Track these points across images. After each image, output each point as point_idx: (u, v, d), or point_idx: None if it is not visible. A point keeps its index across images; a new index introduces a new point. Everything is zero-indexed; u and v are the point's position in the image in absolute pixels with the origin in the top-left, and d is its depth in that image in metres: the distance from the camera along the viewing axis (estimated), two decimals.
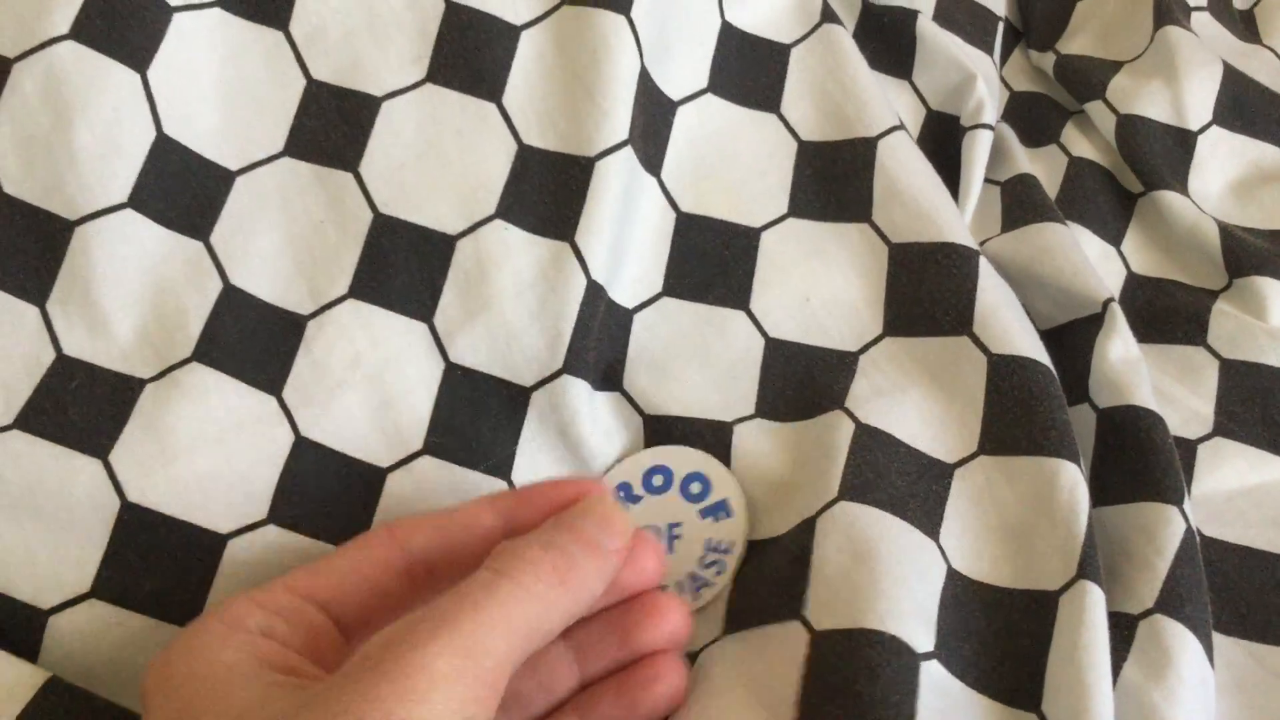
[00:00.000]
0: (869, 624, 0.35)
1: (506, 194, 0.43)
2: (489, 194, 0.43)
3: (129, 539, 0.37)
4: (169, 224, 0.41)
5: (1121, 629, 0.37)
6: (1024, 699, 0.35)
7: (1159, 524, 0.39)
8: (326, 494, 0.40)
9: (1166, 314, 0.49)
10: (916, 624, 0.36)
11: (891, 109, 0.48)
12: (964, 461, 0.41)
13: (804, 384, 0.43)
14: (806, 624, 0.36)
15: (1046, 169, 0.54)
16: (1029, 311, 0.46)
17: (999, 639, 0.37)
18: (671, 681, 0.35)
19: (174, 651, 0.31)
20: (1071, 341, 0.46)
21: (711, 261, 0.45)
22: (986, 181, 0.51)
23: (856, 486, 0.39)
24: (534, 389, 0.41)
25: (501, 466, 0.41)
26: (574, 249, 0.42)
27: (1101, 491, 0.41)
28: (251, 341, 0.41)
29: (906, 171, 0.46)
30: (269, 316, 0.41)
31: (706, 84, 0.48)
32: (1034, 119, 0.57)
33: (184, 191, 0.41)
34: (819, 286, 0.45)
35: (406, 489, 0.40)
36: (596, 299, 0.42)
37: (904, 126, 0.47)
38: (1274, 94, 0.55)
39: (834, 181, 0.47)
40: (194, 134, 0.42)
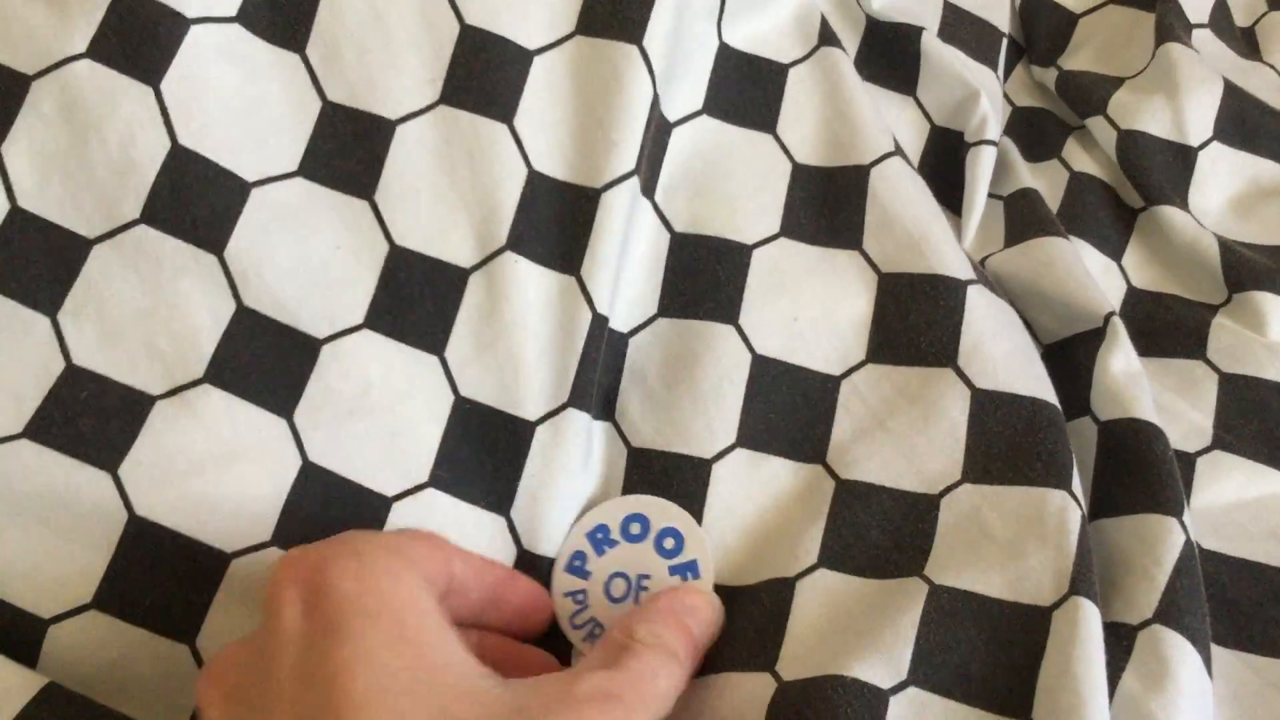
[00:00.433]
0: (833, 670, 0.36)
1: (517, 223, 0.43)
2: (500, 224, 0.43)
3: (134, 552, 0.37)
4: (184, 235, 0.41)
5: (1120, 639, 0.37)
6: (1014, 708, 0.36)
7: (1159, 535, 0.39)
8: (331, 520, 0.40)
9: (1166, 328, 0.49)
10: (880, 660, 0.36)
11: (888, 134, 0.48)
12: (949, 489, 0.41)
13: (787, 413, 0.43)
14: (775, 676, 0.37)
15: (1048, 184, 0.54)
16: (1031, 326, 0.46)
17: (988, 649, 0.37)
18: None
19: (376, 569, 0.32)
20: (1073, 355, 0.46)
21: (704, 277, 0.46)
22: (989, 196, 0.51)
23: (836, 553, 0.40)
24: (538, 423, 0.41)
25: (505, 502, 0.41)
26: (580, 283, 0.43)
27: (1102, 503, 0.42)
28: (264, 362, 0.41)
29: (899, 200, 0.46)
30: (283, 338, 0.41)
31: (702, 105, 0.49)
32: (1036, 134, 0.57)
33: (199, 202, 0.42)
34: (806, 308, 0.45)
35: (411, 520, 0.40)
36: (601, 331, 0.42)
37: (900, 151, 0.48)
38: (1274, 111, 0.55)
39: (826, 207, 0.47)
40: (210, 143, 0.42)
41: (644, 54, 0.45)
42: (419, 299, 0.43)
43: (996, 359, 0.43)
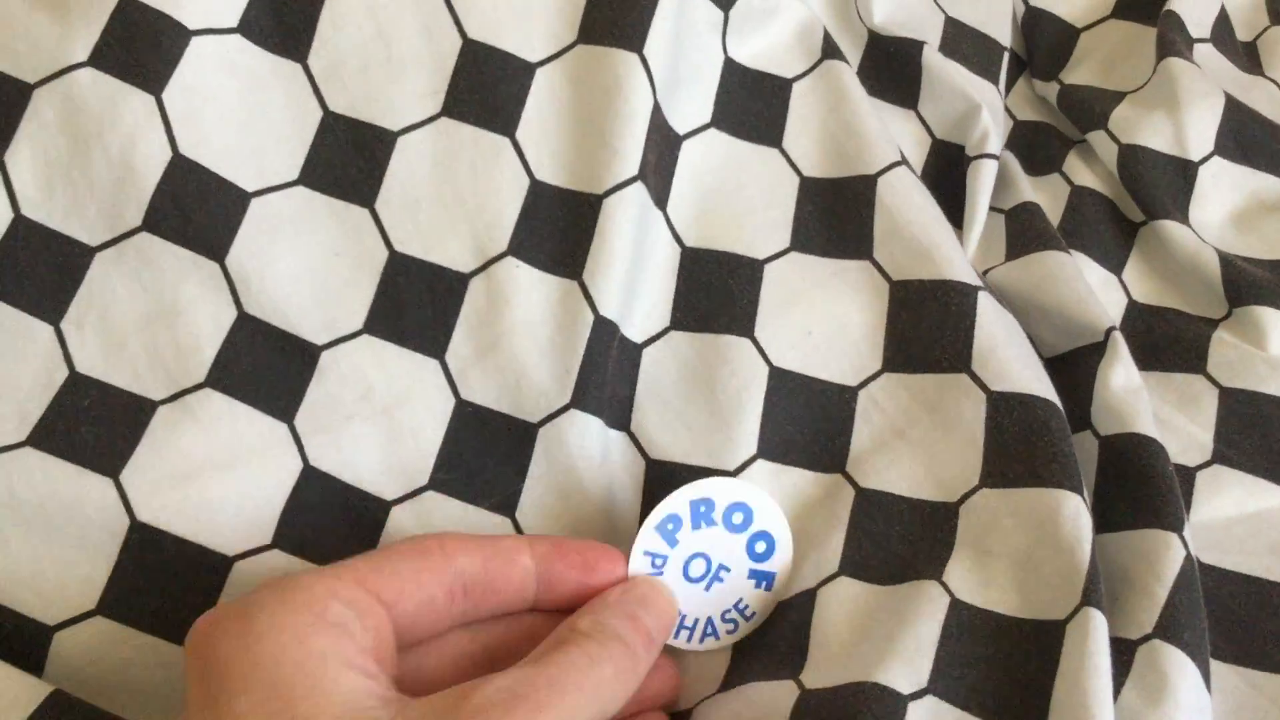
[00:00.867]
0: (854, 677, 0.36)
1: (518, 231, 0.44)
2: (501, 231, 0.44)
3: (137, 558, 0.38)
4: (185, 243, 0.41)
5: (1121, 654, 0.37)
6: None
7: (1159, 551, 0.39)
8: (331, 523, 0.40)
9: (1167, 342, 0.49)
10: (901, 666, 0.36)
11: (893, 144, 0.48)
12: (967, 496, 0.41)
13: (805, 424, 0.44)
14: (799, 684, 0.37)
15: (1049, 197, 0.54)
16: (1032, 340, 0.46)
17: (1003, 666, 0.37)
18: None
19: (257, 624, 0.30)
20: (1074, 369, 0.46)
21: (717, 293, 0.46)
22: (991, 209, 0.52)
23: (856, 561, 0.40)
24: (540, 425, 0.41)
25: (507, 504, 0.41)
26: (581, 287, 0.43)
27: (1102, 518, 0.42)
28: (265, 369, 0.41)
29: (907, 208, 0.46)
30: (283, 344, 0.42)
31: (710, 119, 0.49)
32: (1037, 148, 0.57)
33: (200, 210, 0.42)
34: (820, 321, 0.45)
35: (410, 523, 0.40)
36: (607, 336, 0.42)
37: (906, 162, 0.48)
38: (1275, 125, 0.55)
39: (835, 218, 0.47)
40: (211, 153, 0.42)
41: (644, 62, 0.45)
42: (418, 304, 0.43)
43: (1009, 361, 0.43)
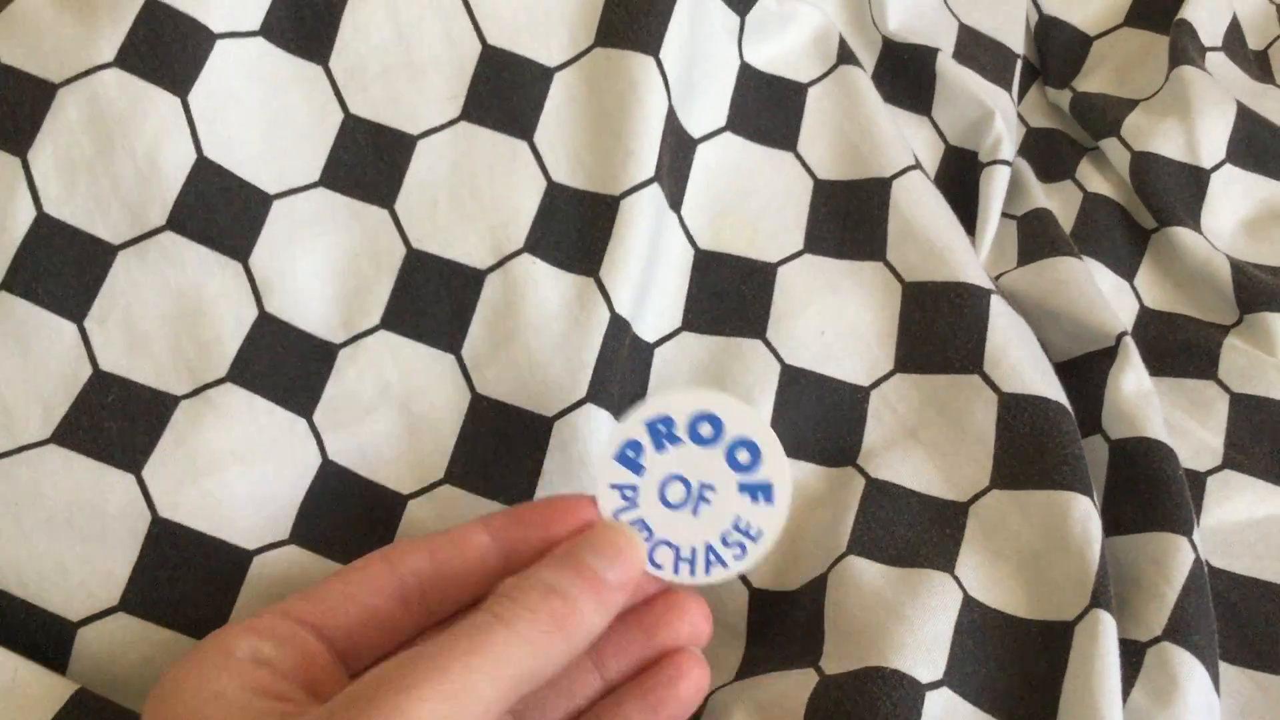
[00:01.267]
0: (872, 662, 0.36)
1: (535, 229, 0.44)
2: (518, 229, 0.44)
3: (158, 553, 0.38)
4: (209, 243, 0.42)
5: (1130, 656, 0.38)
6: None
7: (1169, 554, 0.40)
8: (348, 517, 0.40)
9: (1178, 348, 0.49)
10: (920, 656, 0.36)
11: (907, 149, 0.49)
12: (977, 497, 0.41)
13: (818, 421, 0.44)
14: (819, 670, 0.37)
15: (1062, 204, 0.54)
16: (1044, 344, 0.46)
17: (1014, 665, 0.38)
18: (694, 679, 0.34)
19: (168, 681, 0.31)
20: (1085, 374, 0.46)
21: (729, 297, 0.46)
22: (1003, 215, 0.52)
23: (865, 542, 0.40)
24: (556, 419, 0.42)
25: (522, 497, 0.41)
26: (598, 284, 0.43)
27: (1113, 521, 0.42)
28: (284, 367, 0.41)
29: (921, 211, 0.47)
30: (302, 344, 0.42)
31: (725, 122, 0.49)
32: (1050, 155, 0.57)
33: (224, 212, 0.42)
34: (833, 321, 0.45)
35: (426, 516, 0.40)
36: (621, 333, 0.43)
37: (920, 166, 0.48)
38: None
39: (849, 220, 0.48)
40: (234, 157, 0.43)
41: (660, 65, 0.45)
42: (435, 299, 0.43)
43: (1021, 363, 0.43)
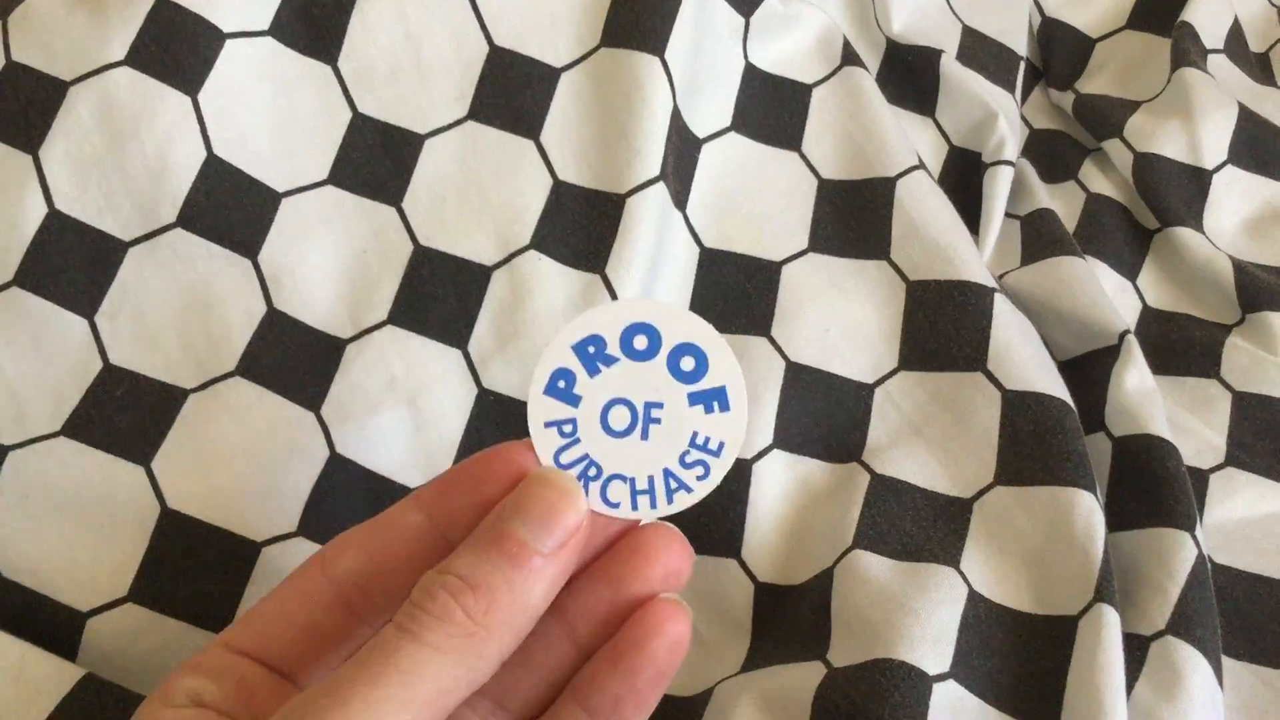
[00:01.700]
0: (879, 654, 0.36)
1: (541, 227, 0.44)
2: (524, 227, 0.44)
3: (167, 545, 0.38)
4: (218, 240, 0.42)
5: (1134, 649, 0.38)
6: (1042, 716, 0.36)
7: (1172, 549, 0.40)
8: (355, 510, 0.40)
9: (1181, 347, 0.50)
10: (927, 648, 0.37)
11: (911, 149, 0.49)
12: (981, 493, 0.41)
13: (822, 417, 0.44)
14: (826, 663, 0.37)
15: (1065, 205, 0.55)
16: (1047, 343, 0.47)
17: (1019, 659, 0.38)
18: (671, 633, 0.29)
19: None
20: (1088, 372, 0.47)
21: (734, 295, 0.46)
22: (1006, 216, 0.52)
23: (870, 537, 0.40)
24: None
25: None
26: (605, 280, 0.43)
27: (1116, 517, 0.42)
28: (292, 361, 0.42)
29: (925, 210, 0.47)
30: (310, 340, 0.42)
31: (730, 123, 0.49)
32: (1053, 156, 0.58)
33: (233, 209, 0.43)
34: (838, 319, 0.46)
35: None
36: None
37: (924, 166, 0.48)
38: None
39: (853, 219, 0.48)
40: (244, 156, 0.43)
41: (665, 65, 0.46)
42: (442, 295, 0.43)
43: (1024, 361, 0.43)
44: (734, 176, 0.48)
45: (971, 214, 0.51)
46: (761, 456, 0.43)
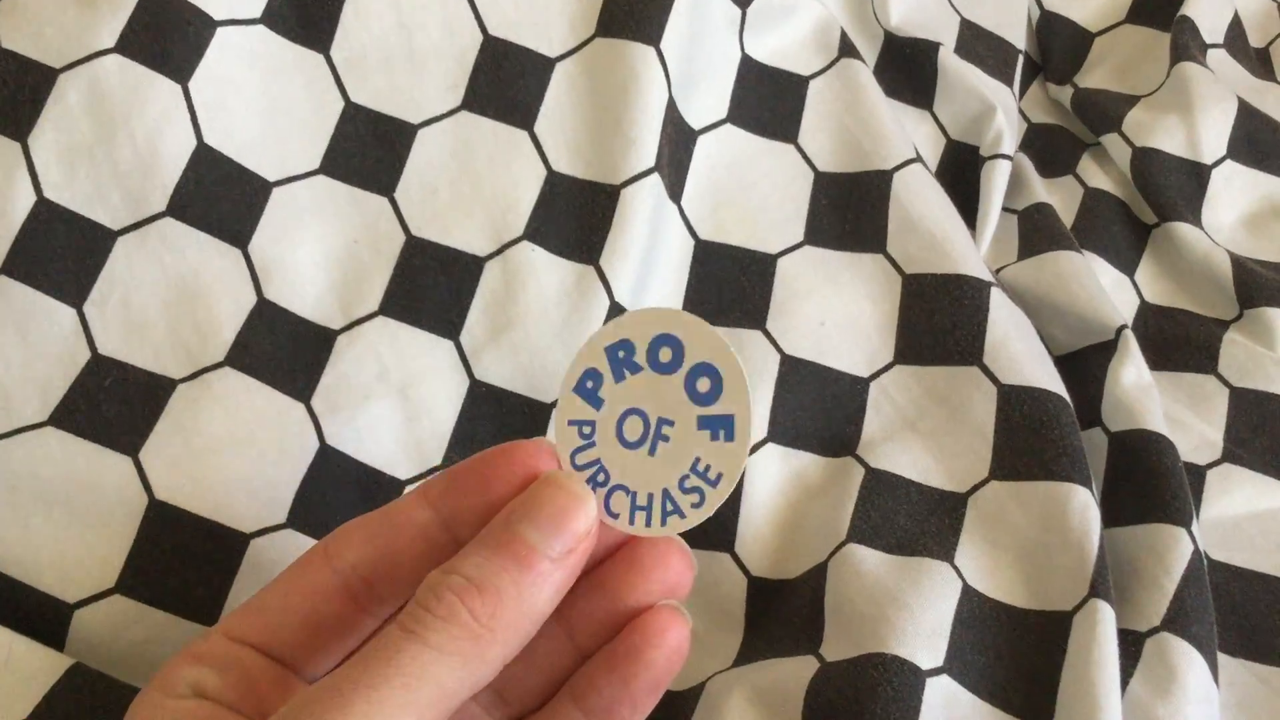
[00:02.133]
0: (872, 648, 0.36)
1: (534, 217, 0.44)
2: (517, 217, 0.44)
3: (155, 536, 0.38)
4: (208, 229, 0.42)
5: (1129, 645, 0.38)
6: (1036, 713, 0.36)
7: (1168, 545, 0.40)
8: (345, 502, 0.40)
9: (1178, 342, 0.49)
10: (921, 643, 0.36)
11: (908, 142, 0.49)
12: (976, 488, 0.41)
13: (817, 411, 0.44)
14: (819, 657, 0.37)
15: (1063, 199, 0.55)
16: (1044, 337, 0.46)
17: (1014, 654, 0.37)
18: (666, 642, 0.30)
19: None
20: (1085, 367, 0.46)
21: (729, 287, 0.46)
22: (1004, 210, 0.52)
23: (864, 531, 0.40)
24: (553, 405, 0.42)
25: None
26: (598, 271, 0.43)
27: (1112, 513, 0.42)
28: (282, 352, 0.41)
29: (921, 203, 0.47)
30: (300, 330, 0.42)
31: (726, 114, 0.49)
32: (1051, 150, 0.57)
33: (224, 199, 0.42)
34: (833, 312, 0.45)
35: None
36: None
37: (920, 159, 0.48)
38: None
39: (850, 212, 0.48)
40: (234, 145, 0.43)
41: (660, 56, 0.45)
42: (433, 285, 0.43)
43: (1020, 356, 0.43)
44: (729, 168, 0.48)
45: (968, 208, 0.51)
46: (755, 450, 0.43)
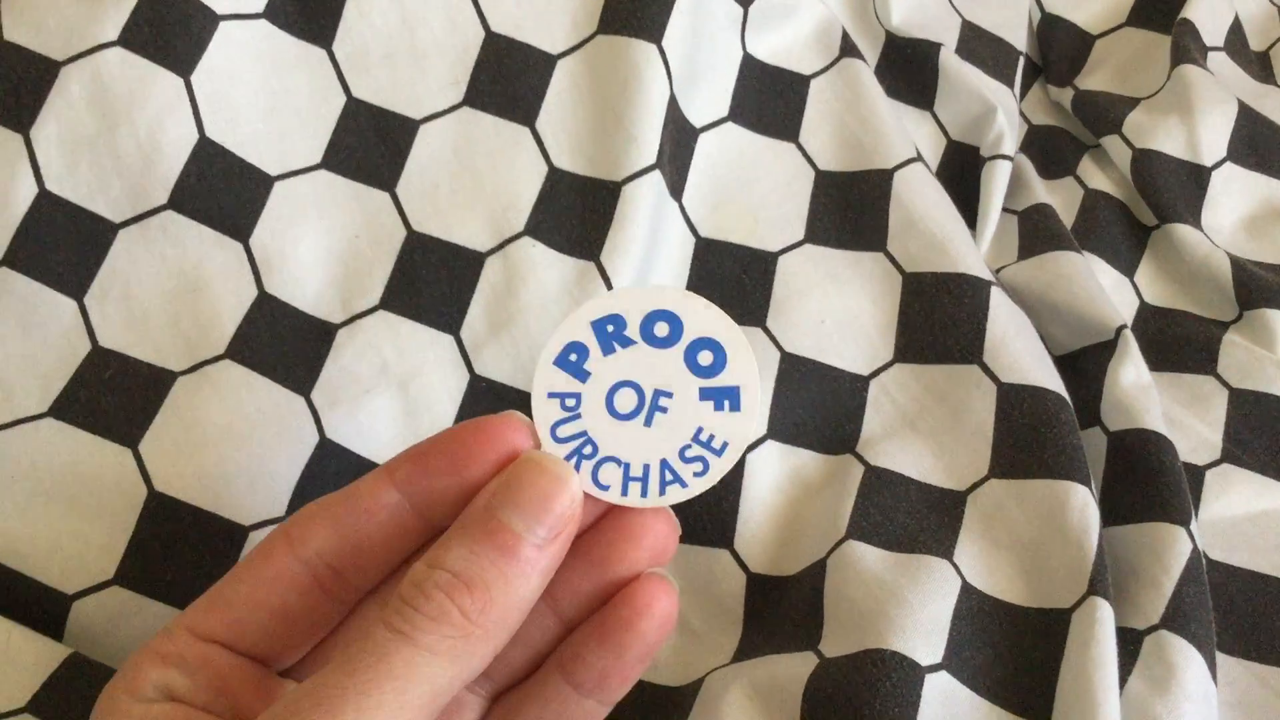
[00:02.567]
0: (871, 644, 0.36)
1: (535, 213, 0.44)
2: (518, 213, 0.44)
3: (154, 528, 0.38)
4: (210, 223, 0.42)
5: (1128, 643, 0.38)
6: (1034, 710, 0.36)
7: (1166, 543, 0.40)
8: None
9: (1178, 343, 0.49)
10: (920, 639, 0.36)
11: (909, 141, 0.49)
12: (975, 486, 0.41)
13: (816, 409, 0.44)
14: (818, 653, 0.37)
15: (1063, 200, 0.55)
16: (1043, 337, 0.46)
17: (1012, 651, 0.37)
18: (657, 611, 0.29)
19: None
20: (1084, 367, 0.46)
21: (729, 285, 0.46)
22: (1004, 211, 0.52)
23: (864, 528, 0.40)
24: None
25: None
26: (599, 268, 0.43)
27: (1111, 512, 0.42)
28: (283, 345, 0.41)
29: (922, 202, 0.47)
30: (301, 324, 0.42)
31: (727, 112, 0.49)
32: (1051, 151, 0.58)
33: (225, 192, 0.42)
34: (833, 310, 0.45)
35: None
36: None
37: (921, 158, 0.48)
38: None
39: (850, 211, 0.48)
40: (236, 138, 0.43)
41: (662, 53, 0.45)
42: (434, 280, 0.43)
43: (1020, 354, 0.43)
44: (730, 166, 0.48)
45: (969, 208, 0.51)
46: (755, 447, 0.43)
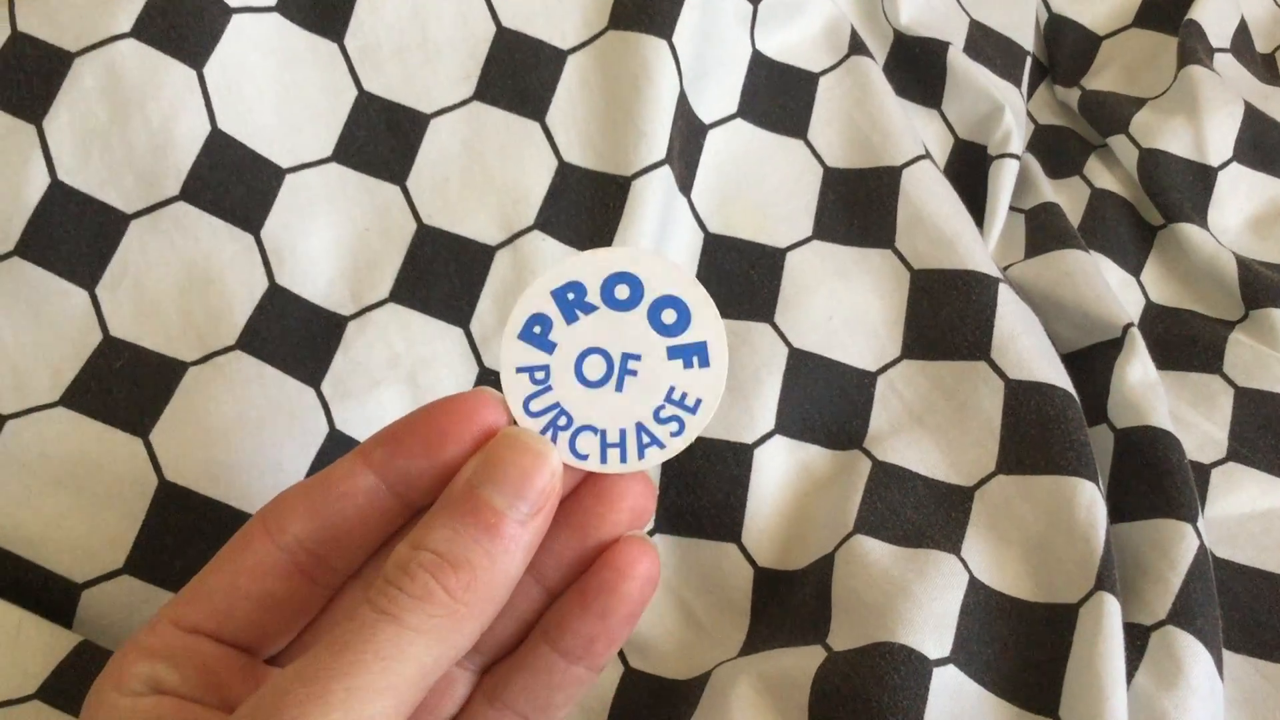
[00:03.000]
0: (879, 637, 0.36)
1: (545, 208, 0.44)
2: (529, 207, 0.44)
3: (164, 517, 0.38)
4: (221, 214, 0.42)
5: (1135, 639, 0.38)
6: (1042, 704, 0.36)
7: (1173, 540, 0.40)
8: None
9: (1184, 342, 0.50)
10: (928, 633, 0.37)
11: (917, 138, 0.49)
12: (982, 482, 0.41)
13: (824, 404, 0.44)
14: (826, 647, 0.37)
15: (1069, 200, 0.55)
16: (1051, 335, 0.46)
17: (1019, 646, 0.38)
18: (639, 572, 0.29)
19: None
20: (1091, 364, 0.47)
21: (738, 281, 0.46)
22: (1011, 209, 0.52)
23: (872, 523, 0.40)
24: None
25: None
26: None
27: (1118, 509, 0.42)
28: (293, 337, 0.42)
29: (930, 199, 0.47)
30: (311, 316, 0.42)
31: (736, 109, 0.49)
32: (1058, 151, 0.58)
33: (236, 184, 0.42)
34: (841, 307, 0.46)
35: None
36: None
37: (929, 155, 0.48)
38: None
39: (859, 207, 0.48)
40: (248, 131, 0.43)
41: (672, 48, 0.45)
42: (444, 273, 0.43)
43: (1028, 351, 0.43)
44: (739, 163, 0.48)
45: (976, 206, 0.51)
46: (763, 442, 0.43)
